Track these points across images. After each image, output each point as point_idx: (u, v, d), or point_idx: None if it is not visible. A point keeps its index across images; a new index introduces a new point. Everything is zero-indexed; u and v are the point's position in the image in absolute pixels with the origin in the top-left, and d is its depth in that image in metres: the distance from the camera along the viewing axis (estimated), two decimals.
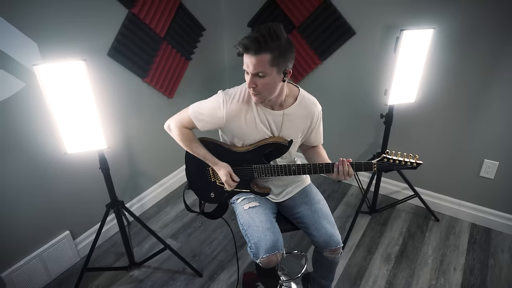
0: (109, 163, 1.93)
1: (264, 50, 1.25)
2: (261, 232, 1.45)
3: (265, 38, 1.24)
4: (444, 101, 2.26)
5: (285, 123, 1.50)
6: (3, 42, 1.63)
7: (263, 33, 1.25)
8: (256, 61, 1.28)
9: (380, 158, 1.43)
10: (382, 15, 2.23)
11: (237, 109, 1.45)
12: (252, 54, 1.27)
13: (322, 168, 1.47)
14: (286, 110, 1.49)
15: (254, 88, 1.35)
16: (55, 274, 2.15)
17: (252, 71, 1.31)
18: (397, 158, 1.42)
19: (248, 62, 1.30)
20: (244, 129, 1.48)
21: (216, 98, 1.47)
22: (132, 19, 2.16)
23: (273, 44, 1.25)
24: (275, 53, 1.27)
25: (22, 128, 1.80)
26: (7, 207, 1.83)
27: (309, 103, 1.53)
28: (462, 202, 2.47)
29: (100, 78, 2.09)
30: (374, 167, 1.43)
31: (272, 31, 1.25)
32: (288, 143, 1.49)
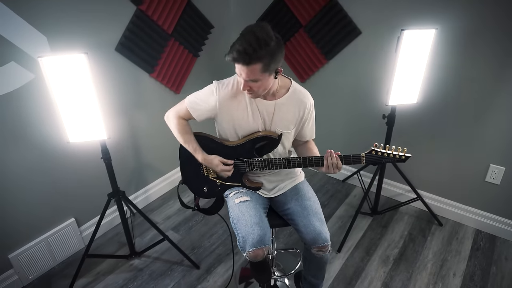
0: (115, 154, 2.00)
1: (254, 60, 1.27)
2: (249, 226, 1.47)
3: (253, 48, 1.24)
4: (447, 103, 2.22)
5: (276, 112, 1.52)
6: (14, 35, 1.72)
7: (251, 42, 1.25)
8: (248, 70, 1.30)
9: (369, 150, 1.45)
10: (388, 15, 2.21)
11: (229, 96, 1.48)
12: (242, 65, 1.29)
13: (312, 161, 1.48)
14: (278, 100, 1.51)
15: (249, 90, 1.39)
16: (60, 259, 2.25)
17: (244, 79, 1.33)
18: (386, 151, 1.43)
19: (240, 71, 1.33)
20: (236, 116, 1.51)
21: (209, 87, 1.51)
22: (140, 16, 2.23)
23: (262, 52, 1.26)
24: (265, 61, 1.28)
25: (30, 118, 1.89)
26: (15, 192, 1.93)
27: (300, 94, 1.55)
28: (467, 207, 2.41)
29: (107, 72, 2.17)
30: (362, 159, 1.44)
31: (261, 38, 1.25)
32: (278, 136, 1.50)
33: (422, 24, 2.05)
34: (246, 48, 1.25)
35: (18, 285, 2.07)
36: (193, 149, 1.56)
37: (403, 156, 1.44)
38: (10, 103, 1.80)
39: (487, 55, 1.99)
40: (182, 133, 1.56)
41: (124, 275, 2.15)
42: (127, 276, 2.14)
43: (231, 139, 1.58)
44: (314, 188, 2.86)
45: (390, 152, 1.44)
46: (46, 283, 2.11)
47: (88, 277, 2.14)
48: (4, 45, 1.71)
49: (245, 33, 1.28)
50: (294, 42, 2.67)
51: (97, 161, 1.90)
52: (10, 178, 1.89)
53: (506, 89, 2.00)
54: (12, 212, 1.95)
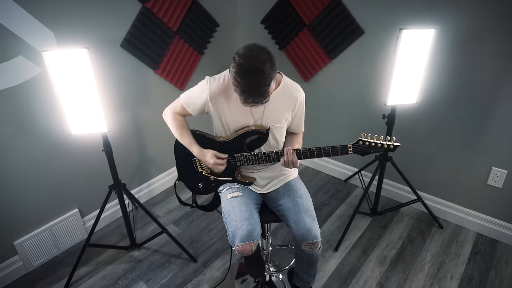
0: (120, 148, 2.05)
1: (268, 87, 1.31)
2: (239, 221, 1.50)
3: (258, 87, 1.28)
4: (448, 104, 2.20)
5: (267, 108, 1.54)
6: (22, 30, 1.80)
7: (253, 86, 1.28)
8: (267, 93, 1.34)
9: (356, 141, 1.46)
10: (391, 15, 2.20)
11: (220, 90, 1.51)
12: (262, 97, 1.33)
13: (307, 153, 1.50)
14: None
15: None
16: (63, 247, 2.32)
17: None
18: (373, 141, 1.44)
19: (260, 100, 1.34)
20: (227, 111, 1.54)
21: (202, 82, 1.55)
22: (145, 13, 2.28)
23: (266, 81, 1.29)
24: (271, 79, 1.31)
25: (36, 110, 1.96)
26: (21, 181, 2.01)
27: (291, 89, 1.56)
28: (468, 210, 2.38)
29: (112, 68, 2.23)
30: (349, 150, 1.46)
31: (258, 71, 1.27)
32: (266, 130, 1.53)
33: (425, 24, 2.04)
34: (255, 89, 1.29)
35: (22, 271, 2.15)
36: (188, 143, 1.60)
37: (392, 145, 1.44)
38: (18, 96, 1.87)
39: (487, 56, 1.97)
40: (178, 127, 1.60)
41: (124, 265, 2.21)
42: (126, 267, 2.20)
43: (224, 135, 1.61)
44: (316, 187, 2.90)
45: (378, 142, 1.44)
46: (49, 270, 2.19)
47: (89, 266, 2.20)
48: (13, 40, 1.78)
49: (241, 76, 1.28)
50: (298, 41, 2.69)
51: (100, 153, 1.96)
52: (16, 167, 1.97)
53: (508, 91, 1.97)
54: (18, 200, 2.03)
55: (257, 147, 1.59)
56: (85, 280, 2.11)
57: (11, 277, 2.10)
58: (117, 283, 2.09)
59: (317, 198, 2.78)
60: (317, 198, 2.78)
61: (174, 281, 2.09)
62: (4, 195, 1.96)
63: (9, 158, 1.93)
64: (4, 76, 1.80)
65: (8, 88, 1.83)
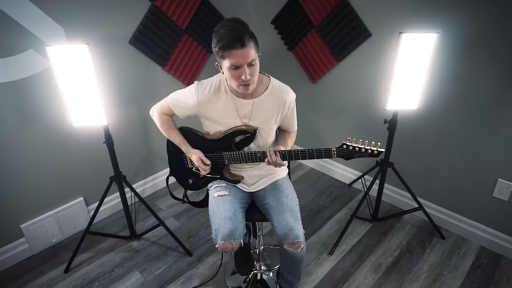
0: (126, 142, 2.11)
1: (248, 40, 1.31)
2: (222, 220, 1.52)
3: (241, 29, 1.30)
4: (451, 112, 2.13)
5: (255, 111, 1.55)
6: (33, 25, 1.89)
7: (235, 27, 1.31)
8: (245, 52, 1.32)
9: (340, 145, 1.45)
10: (398, 18, 2.15)
11: (208, 98, 1.54)
12: (240, 48, 1.31)
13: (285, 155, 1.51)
14: (257, 99, 1.54)
15: (250, 78, 1.39)
16: (67, 233, 2.43)
17: (247, 62, 1.34)
18: (357, 145, 1.43)
19: (239, 57, 1.32)
20: (216, 115, 1.56)
21: (190, 87, 1.58)
22: (154, 11, 2.34)
23: (249, 30, 1.32)
24: (254, 38, 1.34)
25: (43, 101, 2.05)
26: (29, 167, 2.12)
27: (280, 91, 1.57)
28: (472, 222, 2.30)
29: (120, 63, 2.31)
30: (333, 153, 1.45)
31: (239, 21, 1.32)
32: (253, 130, 1.54)
33: (435, 28, 1.98)
34: (236, 32, 1.29)
35: (27, 253, 2.27)
36: (178, 142, 1.64)
37: (376, 151, 1.44)
38: (28, 87, 1.97)
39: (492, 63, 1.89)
40: (164, 128, 1.65)
41: (122, 254, 2.29)
42: (124, 256, 2.27)
43: (213, 134, 1.64)
44: (319, 189, 2.88)
45: (362, 147, 1.44)
46: (53, 254, 2.30)
47: (90, 253, 2.30)
48: (24, 34, 1.88)
49: (223, 25, 1.32)
50: (306, 42, 2.68)
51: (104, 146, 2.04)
52: (24, 156, 2.08)
53: None
54: (26, 186, 2.14)
55: (244, 146, 1.60)
56: (84, 266, 2.21)
57: (17, 259, 2.22)
58: (113, 270, 2.17)
59: (319, 200, 2.76)
60: (319, 200, 2.76)
61: (168, 273, 2.15)
62: (12, 181, 2.08)
63: (17, 147, 2.04)
64: (15, 68, 1.91)
65: (19, 79, 1.94)
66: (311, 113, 2.96)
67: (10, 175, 2.06)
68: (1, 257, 2.15)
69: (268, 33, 2.91)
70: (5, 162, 2.02)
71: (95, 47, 2.16)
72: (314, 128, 2.99)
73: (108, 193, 2.44)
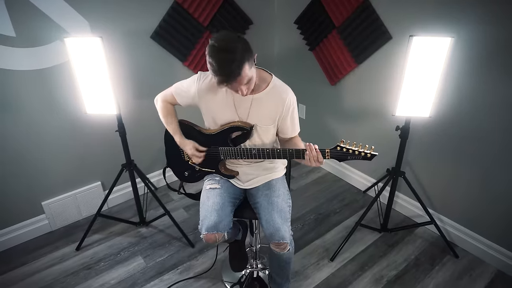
0: (144, 132, 2.22)
1: (240, 69, 1.29)
2: (209, 212, 1.55)
3: (233, 60, 1.26)
4: (469, 122, 2.00)
5: (253, 108, 1.55)
6: (60, 18, 2.04)
7: (226, 59, 1.26)
8: (241, 78, 1.33)
9: (334, 146, 1.43)
10: (420, 21, 2.05)
11: (208, 87, 1.56)
12: (236, 79, 1.32)
13: (280, 153, 1.50)
14: (256, 95, 1.54)
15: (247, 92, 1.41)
16: (85, 214, 2.59)
17: (244, 84, 1.37)
18: (351, 148, 1.41)
19: (235, 84, 1.35)
20: (213, 107, 1.59)
21: (193, 77, 1.62)
22: (176, 8, 2.42)
23: (239, 57, 1.27)
24: (246, 59, 1.31)
25: (65, 89, 2.19)
26: (51, 149, 2.30)
27: (280, 90, 1.56)
28: (491, 243, 2.12)
29: (141, 57, 2.42)
30: (327, 154, 1.43)
31: (229, 49, 1.27)
32: (249, 127, 1.55)
33: (456, 32, 1.86)
34: (228, 67, 1.27)
35: (47, 229, 2.46)
36: (173, 130, 1.69)
37: (369, 154, 1.40)
38: (53, 75, 2.13)
39: None
40: (165, 114, 1.70)
41: (130, 239, 2.40)
42: (131, 241, 2.39)
43: (212, 128, 1.66)
44: (332, 194, 2.83)
45: (356, 149, 1.40)
46: (69, 232, 2.47)
47: (101, 234, 2.44)
48: (52, 26, 2.04)
49: (215, 57, 1.28)
50: (326, 43, 2.63)
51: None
52: (47, 140, 2.26)
53: None
54: (48, 166, 2.32)
55: (240, 142, 1.61)
56: (94, 246, 2.35)
57: (36, 233, 2.42)
58: (119, 253, 2.28)
59: (329, 205, 2.70)
60: (329, 205, 2.70)
61: (168, 261, 2.22)
62: (35, 161, 2.26)
63: (40, 130, 2.21)
64: (42, 58, 2.07)
65: (45, 68, 2.10)
66: (329, 115, 2.91)
67: (33, 155, 2.24)
68: (23, 230, 2.36)
69: (292, 33, 2.89)
70: (30, 144, 2.20)
71: (118, 40, 2.29)
72: (331, 130, 2.93)
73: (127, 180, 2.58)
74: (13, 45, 1.97)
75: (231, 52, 1.27)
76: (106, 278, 2.12)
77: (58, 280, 2.11)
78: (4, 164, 2.16)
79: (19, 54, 2.00)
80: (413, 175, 2.40)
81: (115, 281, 2.10)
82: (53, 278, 2.12)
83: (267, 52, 3.15)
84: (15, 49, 1.98)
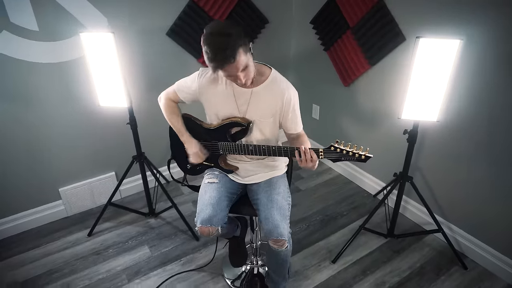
0: (155, 127, 2.30)
1: (236, 52, 1.29)
2: (205, 205, 1.59)
3: (229, 42, 1.27)
4: (482, 127, 1.92)
5: (252, 101, 1.57)
6: (80, 14, 2.14)
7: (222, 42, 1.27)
8: (237, 63, 1.33)
9: (328, 146, 1.43)
10: (435, 22, 1.99)
11: (208, 83, 1.60)
12: (230, 63, 1.31)
13: (275, 151, 1.52)
14: (255, 89, 1.56)
15: (245, 80, 1.43)
16: (99, 202, 2.71)
17: (240, 70, 1.37)
18: (345, 148, 1.40)
19: (231, 70, 1.35)
20: (214, 102, 1.62)
21: (195, 73, 1.66)
22: (192, 6, 2.48)
23: (233, 42, 1.28)
24: (241, 45, 1.31)
25: (81, 82, 2.28)
26: (67, 139, 2.42)
27: (279, 84, 1.56)
28: (502, 256, 2.03)
29: (156, 53, 2.50)
30: (321, 154, 1.43)
31: (224, 34, 1.29)
32: (247, 123, 1.57)
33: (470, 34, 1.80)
34: (223, 49, 1.27)
35: (63, 214, 2.59)
36: (177, 130, 1.73)
37: (363, 156, 1.39)
38: (71, 69, 2.24)
39: None
40: (168, 113, 1.74)
41: (138, 229, 2.49)
42: (139, 230, 2.47)
43: (214, 123, 1.70)
44: (341, 196, 2.80)
45: (350, 150, 1.40)
46: (83, 218, 2.59)
47: (112, 222, 2.54)
48: (72, 22, 2.14)
49: (209, 42, 1.30)
50: (340, 44, 2.60)
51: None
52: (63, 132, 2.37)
53: None
54: (65, 154, 2.44)
55: (239, 138, 1.64)
56: (105, 233, 2.45)
57: (53, 217, 2.56)
58: (127, 242, 2.37)
59: (337, 207, 2.67)
60: (337, 207, 2.67)
61: (173, 252, 2.28)
62: (53, 149, 2.39)
63: (59, 121, 2.33)
64: (62, 52, 2.18)
65: (64, 61, 2.21)
66: (342, 117, 2.87)
67: (51, 143, 2.36)
68: (40, 214, 2.50)
69: (307, 33, 2.88)
70: (48, 133, 2.33)
71: (135, 36, 2.37)
72: (343, 132, 2.89)
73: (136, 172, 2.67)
74: (36, 39, 2.09)
75: (225, 35, 1.29)
76: (112, 264, 2.21)
77: (68, 263, 2.22)
78: (27, 152, 2.30)
79: (41, 47, 2.12)
80: (423, 181, 2.33)
81: (121, 267, 2.18)
82: (64, 261, 2.24)
83: (284, 52, 3.16)
84: (37, 42, 2.10)
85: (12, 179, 2.32)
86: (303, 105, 3.21)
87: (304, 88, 3.21)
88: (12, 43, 2.03)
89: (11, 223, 2.42)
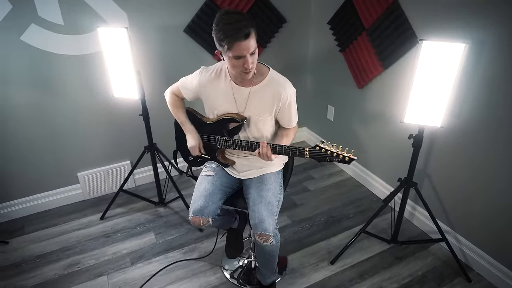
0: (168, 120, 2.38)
1: (250, 30, 1.37)
2: (198, 196, 1.65)
3: (245, 19, 1.35)
4: (485, 134, 1.85)
5: (251, 100, 1.61)
6: (102, 9, 2.27)
7: (237, 19, 1.35)
8: (248, 43, 1.39)
9: (313, 146, 1.45)
10: (449, 25, 1.93)
11: (208, 80, 1.66)
12: (243, 39, 1.37)
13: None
14: (253, 88, 1.60)
15: (251, 66, 1.47)
16: (114, 189, 2.85)
17: (250, 52, 1.42)
18: (330, 149, 1.42)
19: (242, 49, 1.40)
20: (214, 96, 1.68)
21: (197, 71, 1.73)
22: (209, 5, 2.55)
23: (250, 22, 1.37)
24: (255, 28, 1.39)
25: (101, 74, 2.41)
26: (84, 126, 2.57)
27: (278, 83, 1.60)
28: (509, 271, 1.94)
29: (172, 48, 2.60)
30: (306, 153, 1.46)
31: (239, 12, 1.37)
32: (241, 120, 1.61)
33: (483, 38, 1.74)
34: (239, 23, 1.33)
35: (80, 198, 2.76)
36: (181, 122, 1.81)
37: (347, 158, 1.40)
38: (91, 61, 2.38)
39: None
40: (172, 106, 1.82)
41: (147, 216, 2.60)
42: (148, 218, 2.58)
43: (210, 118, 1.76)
44: (349, 199, 2.78)
45: (334, 151, 1.41)
46: (98, 203, 2.75)
47: (124, 208, 2.68)
48: (94, 16, 2.28)
49: (225, 17, 1.37)
50: (356, 45, 2.58)
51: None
52: (83, 118, 2.53)
53: None
54: (84, 141, 2.60)
55: (235, 133, 1.69)
56: (116, 218, 2.59)
57: (71, 200, 2.73)
58: (135, 227, 2.49)
59: (344, 209, 2.65)
60: (344, 209, 2.65)
61: (177, 241, 2.37)
62: (72, 135, 2.55)
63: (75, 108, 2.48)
64: (83, 45, 2.33)
65: (85, 54, 2.36)
66: (355, 119, 2.84)
67: (72, 130, 2.53)
68: (59, 195, 2.68)
69: (324, 34, 2.87)
70: (67, 121, 2.49)
71: (153, 32, 2.48)
72: (356, 134, 2.86)
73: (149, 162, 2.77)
74: (61, 32, 2.24)
75: (240, 13, 1.37)
76: (119, 248, 2.33)
77: (80, 243, 2.37)
78: (49, 138, 2.48)
79: (65, 40, 2.27)
80: (431, 188, 2.27)
81: (126, 251, 2.30)
82: (77, 240, 2.39)
83: (302, 52, 3.16)
84: (62, 35, 2.26)
85: (37, 163, 2.51)
86: (319, 106, 3.24)
87: (320, 88, 3.20)
88: (39, 35, 2.19)
89: (36, 201, 2.62)
